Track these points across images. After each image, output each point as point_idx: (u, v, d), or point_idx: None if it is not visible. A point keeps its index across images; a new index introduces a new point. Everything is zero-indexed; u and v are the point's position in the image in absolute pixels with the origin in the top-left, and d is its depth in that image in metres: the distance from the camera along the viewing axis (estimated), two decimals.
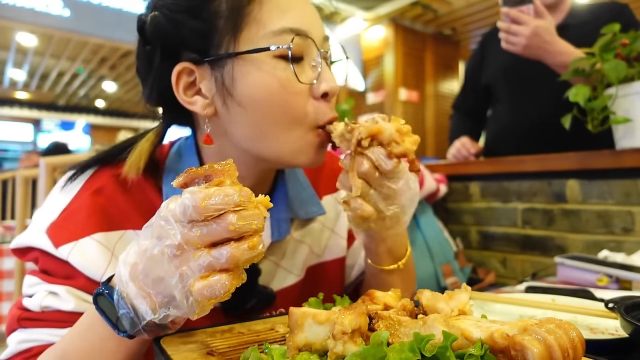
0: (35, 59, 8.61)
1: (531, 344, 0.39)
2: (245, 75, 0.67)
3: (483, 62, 2.21)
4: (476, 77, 2.25)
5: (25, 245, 0.70)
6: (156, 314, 0.49)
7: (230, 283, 0.44)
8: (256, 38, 0.67)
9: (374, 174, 0.66)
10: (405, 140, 0.66)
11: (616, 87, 1.44)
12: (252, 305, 0.78)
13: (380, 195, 0.69)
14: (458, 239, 2.12)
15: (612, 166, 1.56)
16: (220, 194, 0.43)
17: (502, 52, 1.80)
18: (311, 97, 0.70)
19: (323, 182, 0.95)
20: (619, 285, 1.09)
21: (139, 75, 0.75)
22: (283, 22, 0.67)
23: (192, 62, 0.69)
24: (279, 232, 0.81)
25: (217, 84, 0.68)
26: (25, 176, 1.74)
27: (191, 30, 0.67)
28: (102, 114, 13.43)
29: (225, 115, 0.70)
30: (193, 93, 0.71)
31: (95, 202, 0.70)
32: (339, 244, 0.94)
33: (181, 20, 0.67)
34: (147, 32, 0.68)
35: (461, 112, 2.38)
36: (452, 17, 7.03)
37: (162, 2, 0.68)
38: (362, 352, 0.41)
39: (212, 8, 0.67)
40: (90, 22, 5.91)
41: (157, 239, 0.47)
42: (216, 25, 0.67)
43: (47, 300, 0.66)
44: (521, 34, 1.59)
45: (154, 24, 0.67)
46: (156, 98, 0.73)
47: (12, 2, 5.36)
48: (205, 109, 0.70)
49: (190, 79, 0.70)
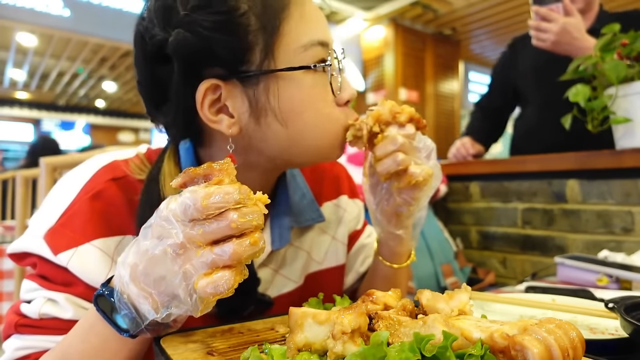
0: (35, 59, 8.61)
1: (531, 344, 0.39)
2: (282, 92, 0.66)
3: (513, 64, 2.23)
4: (505, 78, 2.26)
5: (22, 251, 0.69)
6: (158, 314, 0.49)
7: (234, 279, 0.45)
8: (290, 53, 0.66)
9: (408, 143, 0.72)
10: (403, 109, 0.74)
11: (616, 87, 1.44)
12: (250, 312, 0.77)
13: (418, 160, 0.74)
14: (458, 239, 2.12)
15: (612, 166, 1.56)
16: (220, 192, 0.44)
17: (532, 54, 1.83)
18: (335, 104, 0.72)
19: (324, 188, 0.95)
20: (619, 285, 1.09)
21: (141, 88, 0.71)
22: (310, 34, 0.68)
23: (220, 78, 0.65)
24: (280, 240, 0.81)
25: (251, 102, 0.66)
26: (25, 176, 1.74)
27: (222, 47, 0.63)
28: (102, 114, 13.43)
29: (254, 132, 0.68)
30: (216, 111, 0.67)
31: (93, 206, 0.69)
32: (340, 250, 0.94)
33: (212, 37, 0.63)
34: (170, 51, 0.63)
35: (483, 112, 2.39)
36: (452, 17, 7.03)
37: (189, 19, 0.63)
38: (362, 352, 0.41)
39: (241, 22, 0.64)
40: (90, 22, 5.90)
41: (158, 239, 0.47)
42: (247, 40, 0.64)
43: (46, 307, 0.65)
44: (550, 30, 1.66)
45: (181, 43, 0.63)
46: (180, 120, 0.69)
47: (12, 2, 5.35)
48: (231, 128, 0.66)
49: (214, 96, 0.66)
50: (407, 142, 0.72)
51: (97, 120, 13.40)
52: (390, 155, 0.71)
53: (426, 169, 0.72)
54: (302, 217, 0.86)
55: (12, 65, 8.98)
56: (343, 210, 0.96)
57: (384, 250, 0.85)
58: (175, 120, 0.69)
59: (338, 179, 0.98)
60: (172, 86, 0.66)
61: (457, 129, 7.76)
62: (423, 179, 0.71)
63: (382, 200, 0.78)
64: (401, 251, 0.84)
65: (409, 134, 0.72)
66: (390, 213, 0.78)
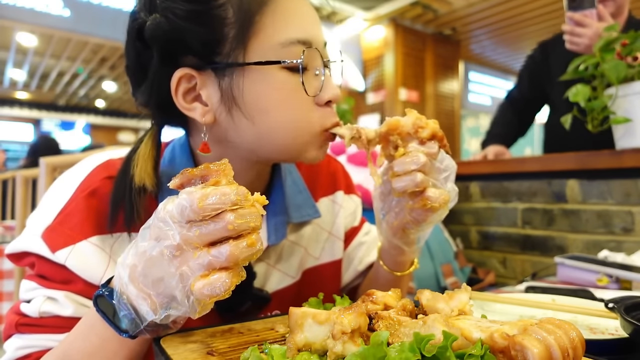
0: (35, 59, 8.61)
1: (531, 344, 0.39)
2: (252, 86, 0.66)
3: (544, 67, 2.23)
4: (535, 80, 2.27)
5: (20, 250, 0.69)
6: (157, 315, 0.49)
7: (231, 281, 0.44)
8: (264, 48, 0.65)
9: (429, 162, 0.67)
10: (427, 123, 0.68)
11: (616, 87, 1.44)
12: (247, 308, 0.78)
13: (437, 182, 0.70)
14: (458, 239, 2.12)
15: (612, 166, 1.56)
16: (217, 193, 0.44)
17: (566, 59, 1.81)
18: (314, 104, 0.70)
19: (320, 184, 0.95)
20: (619, 285, 1.09)
21: (128, 72, 0.72)
22: (290, 32, 0.66)
23: (194, 68, 0.66)
24: (276, 235, 0.81)
25: (222, 93, 0.67)
26: (25, 176, 1.74)
27: (196, 37, 0.65)
28: (102, 114, 13.43)
29: (227, 123, 0.69)
30: (192, 99, 0.69)
31: (90, 204, 0.69)
32: (337, 245, 0.95)
33: (185, 26, 0.64)
34: (147, 35, 0.65)
35: (513, 106, 2.39)
36: (452, 17, 7.03)
37: (165, 5, 0.64)
38: (362, 352, 0.41)
39: (218, 14, 0.64)
40: (90, 22, 5.90)
41: (156, 240, 0.47)
42: (222, 32, 0.65)
43: (46, 305, 0.65)
44: (584, 35, 1.68)
45: (156, 28, 0.64)
46: (154, 101, 0.70)
47: (12, 2, 5.35)
48: (204, 116, 0.68)
49: (189, 84, 0.67)
50: (428, 161, 0.67)
51: (97, 120, 13.40)
52: (409, 173, 0.66)
53: (444, 195, 0.68)
54: (298, 212, 0.86)
55: (12, 65, 8.98)
56: (339, 206, 0.96)
57: (386, 258, 0.84)
58: (150, 101, 0.70)
59: (334, 175, 0.98)
60: (150, 68, 0.67)
61: (457, 129, 7.76)
62: (439, 205, 0.67)
63: (391, 211, 0.75)
64: (404, 260, 0.83)
65: (431, 153, 0.68)
66: (397, 227, 0.75)
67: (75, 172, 0.75)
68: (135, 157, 0.71)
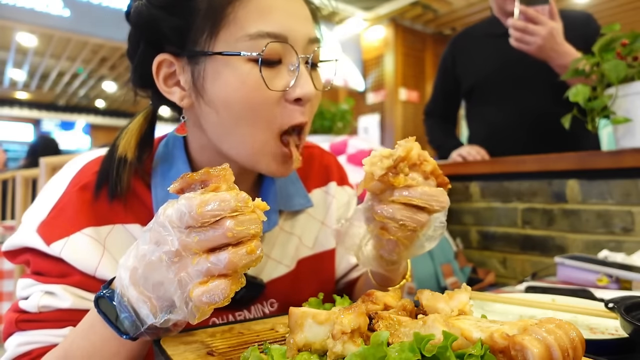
0: (35, 59, 8.62)
1: (531, 344, 0.39)
2: (216, 76, 0.68)
3: (457, 67, 2.21)
4: (449, 83, 2.26)
5: (16, 247, 0.70)
6: (157, 318, 0.49)
7: (230, 288, 0.44)
8: (233, 40, 0.66)
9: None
10: (430, 160, 0.61)
11: (616, 87, 1.44)
12: (242, 295, 0.78)
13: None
14: (458, 239, 2.12)
15: (612, 166, 1.56)
16: (216, 199, 0.43)
17: (484, 54, 1.75)
18: (283, 100, 0.70)
19: (312, 175, 0.96)
20: (619, 285, 1.09)
21: (128, 56, 0.77)
22: (261, 25, 0.66)
23: (173, 54, 0.70)
24: (268, 223, 0.82)
25: (193, 80, 0.70)
26: (25, 176, 1.74)
27: (169, 25, 0.68)
28: (102, 114, 13.43)
29: (199, 110, 0.72)
30: (173, 83, 0.73)
31: (82, 197, 0.70)
32: (330, 235, 0.95)
33: (160, 14, 0.68)
34: (131, 20, 0.71)
35: (435, 117, 2.42)
36: (452, 17, 7.04)
37: None
38: (362, 352, 0.41)
39: (190, 5, 0.68)
40: (90, 22, 5.90)
41: (155, 245, 0.47)
42: (194, 22, 0.68)
43: (44, 300, 0.65)
44: (538, 33, 1.57)
45: (136, 14, 0.70)
46: (139, 82, 0.76)
47: (12, 2, 5.35)
48: (183, 99, 0.72)
49: (170, 70, 0.72)
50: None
51: (97, 120, 13.40)
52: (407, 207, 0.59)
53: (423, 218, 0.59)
54: (291, 201, 0.88)
55: (12, 65, 8.98)
56: (332, 197, 0.97)
57: (375, 275, 0.79)
58: (138, 82, 0.76)
59: (327, 167, 0.99)
60: (137, 51, 0.73)
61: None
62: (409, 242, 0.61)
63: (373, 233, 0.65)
64: (392, 277, 0.77)
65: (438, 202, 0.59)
66: (375, 254, 0.67)
67: (68, 169, 0.76)
68: (125, 131, 0.75)
